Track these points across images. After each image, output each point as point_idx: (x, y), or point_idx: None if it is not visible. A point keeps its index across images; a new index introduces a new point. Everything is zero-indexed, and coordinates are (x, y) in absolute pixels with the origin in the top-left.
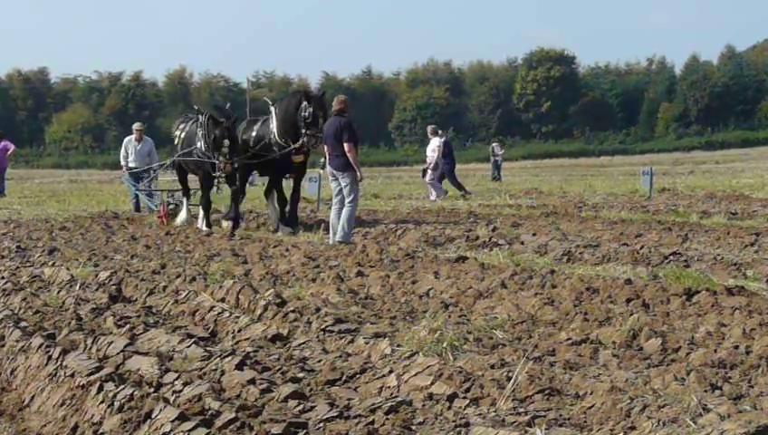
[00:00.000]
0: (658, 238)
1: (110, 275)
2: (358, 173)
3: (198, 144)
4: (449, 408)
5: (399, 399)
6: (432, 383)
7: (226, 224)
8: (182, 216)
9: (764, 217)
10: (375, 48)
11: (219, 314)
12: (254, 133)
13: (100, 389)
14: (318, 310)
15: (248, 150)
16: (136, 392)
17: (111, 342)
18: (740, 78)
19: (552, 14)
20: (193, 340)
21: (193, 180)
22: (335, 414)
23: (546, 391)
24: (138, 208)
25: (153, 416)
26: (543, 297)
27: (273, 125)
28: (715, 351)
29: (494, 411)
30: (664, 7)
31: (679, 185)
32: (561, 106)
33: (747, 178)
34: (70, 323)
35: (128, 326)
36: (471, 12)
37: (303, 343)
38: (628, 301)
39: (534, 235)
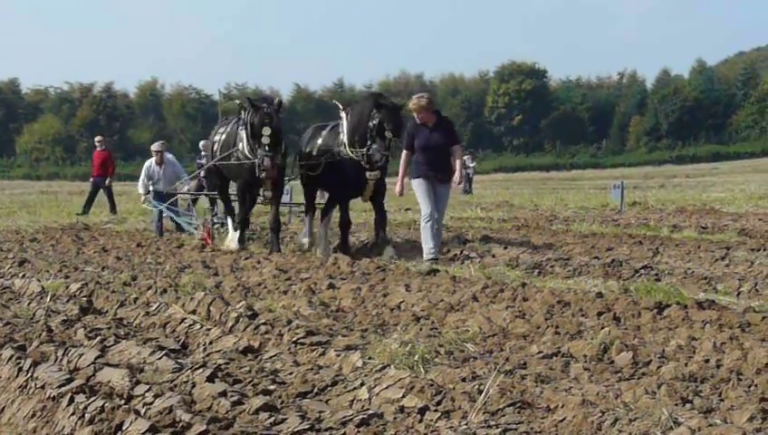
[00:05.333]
0: (629, 252)
1: (80, 286)
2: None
3: (240, 145)
4: (420, 421)
5: (371, 411)
6: (403, 396)
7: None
8: (230, 236)
9: (735, 231)
10: (347, 60)
11: (190, 326)
12: (319, 141)
13: (71, 401)
14: (289, 322)
15: (310, 160)
16: (107, 404)
17: (82, 353)
18: (711, 92)
19: (524, 27)
20: (164, 352)
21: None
22: (306, 427)
23: (517, 405)
24: (161, 232)
25: (124, 428)
26: (515, 310)
27: (343, 133)
28: (686, 364)
29: (466, 424)
30: (635, 21)
31: (650, 199)
32: (533, 119)
33: (718, 193)
34: (40, 334)
35: (98, 338)
36: (443, 25)
37: (275, 356)
38: (600, 314)
39: (506, 248)
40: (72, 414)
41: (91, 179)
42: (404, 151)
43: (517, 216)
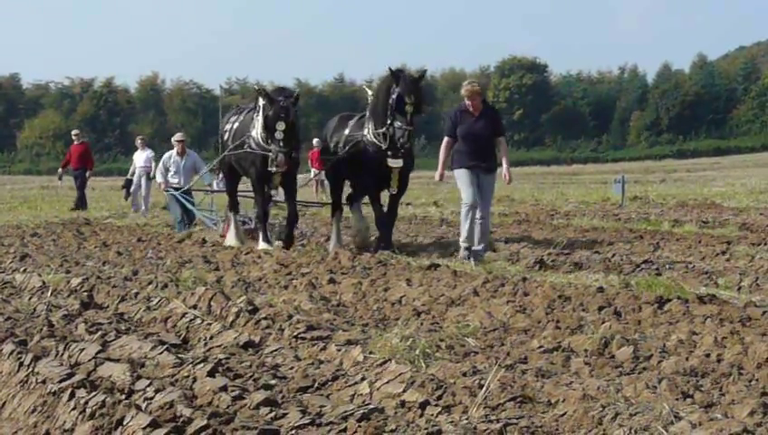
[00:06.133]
0: (630, 246)
1: (81, 281)
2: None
3: (252, 132)
4: (421, 415)
5: (371, 406)
6: (404, 391)
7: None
8: (230, 235)
9: (735, 226)
10: (348, 55)
11: (191, 320)
12: (345, 131)
13: (72, 395)
14: (290, 317)
15: (336, 154)
16: (108, 399)
17: (83, 348)
18: (711, 87)
19: (525, 22)
20: (165, 347)
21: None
22: (307, 421)
23: (518, 399)
24: (181, 228)
25: (125, 423)
26: (515, 305)
27: (369, 120)
28: (687, 359)
29: (466, 419)
30: (635, 16)
31: (651, 193)
32: (533, 114)
33: (718, 187)
34: (41, 329)
35: (99, 333)
36: (443, 19)
37: (275, 350)
38: (600, 309)
39: (506, 242)
40: (73, 409)
41: (59, 170)
42: (445, 138)
43: (518, 210)
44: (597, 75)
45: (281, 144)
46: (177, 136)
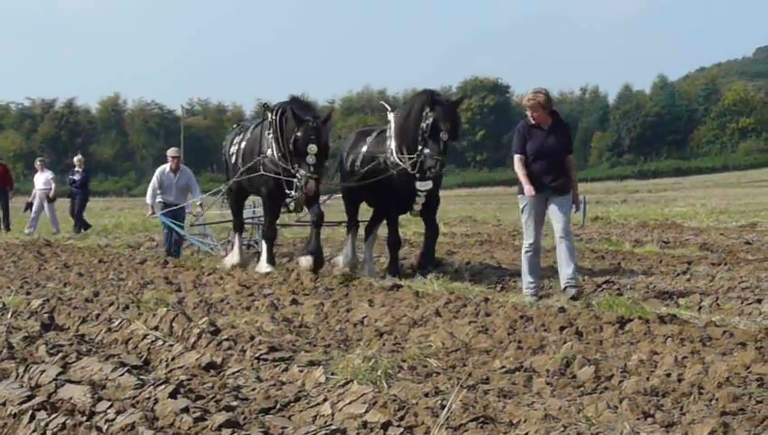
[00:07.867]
0: (591, 267)
1: (42, 303)
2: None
3: (268, 151)
4: None
5: (334, 427)
6: (366, 411)
7: (305, 260)
8: (234, 256)
9: (696, 246)
10: (309, 75)
11: (153, 342)
12: (363, 149)
13: (32, 418)
14: (252, 338)
15: (354, 173)
16: (68, 421)
17: (44, 370)
18: (672, 107)
19: (487, 43)
20: (126, 368)
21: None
22: None
23: (480, 420)
24: (170, 252)
25: None
26: (477, 325)
27: (391, 138)
28: (648, 379)
29: None
30: (596, 38)
31: (612, 214)
32: (496, 135)
33: (679, 207)
34: (1, 351)
35: (60, 355)
36: (406, 39)
37: (237, 372)
38: (562, 329)
39: (468, 263)
40: (34, 431)
41: None
42: (516, 156)
43: (480, 231)
44: (558, 96)
45: (311, 169)
46: (172, 151)
